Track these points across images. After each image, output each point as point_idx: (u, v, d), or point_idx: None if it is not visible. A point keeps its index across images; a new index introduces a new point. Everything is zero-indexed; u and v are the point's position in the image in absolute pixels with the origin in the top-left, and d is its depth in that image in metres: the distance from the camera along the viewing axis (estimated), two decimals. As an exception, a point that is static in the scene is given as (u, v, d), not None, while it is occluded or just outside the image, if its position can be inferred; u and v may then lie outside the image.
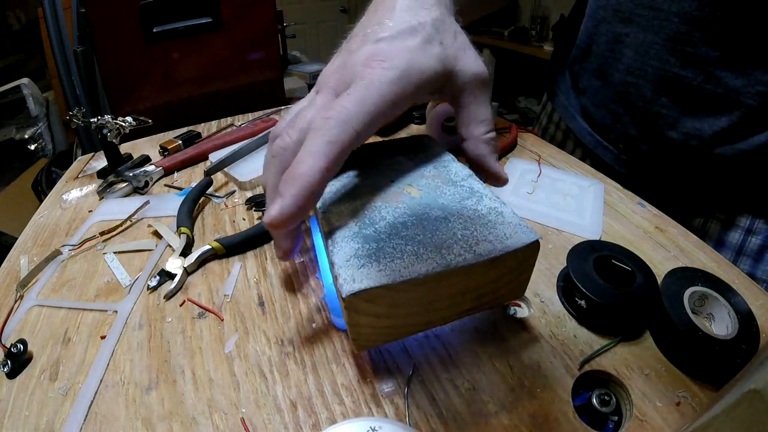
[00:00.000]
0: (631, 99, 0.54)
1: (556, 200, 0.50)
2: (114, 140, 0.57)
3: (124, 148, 0.65)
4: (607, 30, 0.55)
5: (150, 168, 0.57)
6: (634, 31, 0.51)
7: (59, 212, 0.53)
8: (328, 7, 3.69)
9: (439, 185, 0.33)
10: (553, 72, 0.73)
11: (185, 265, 0.40)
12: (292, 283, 0.39)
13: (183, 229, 0.44)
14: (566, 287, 0.36)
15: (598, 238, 0.43)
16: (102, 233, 0.46)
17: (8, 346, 0.33)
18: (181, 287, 0.39)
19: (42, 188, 1.41)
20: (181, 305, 0.37)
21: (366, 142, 0.30)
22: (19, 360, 0.32)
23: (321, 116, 0.26)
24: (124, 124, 0.56)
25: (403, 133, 0.68)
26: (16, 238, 0.48)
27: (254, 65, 1.13)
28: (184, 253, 0.42)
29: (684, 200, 0.55)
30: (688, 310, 0.31)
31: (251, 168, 0.56)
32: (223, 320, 0.35)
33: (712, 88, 0.46)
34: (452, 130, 0.57)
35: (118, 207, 0.51)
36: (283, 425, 0.28)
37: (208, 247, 0.41)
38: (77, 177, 0.61)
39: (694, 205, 0.55)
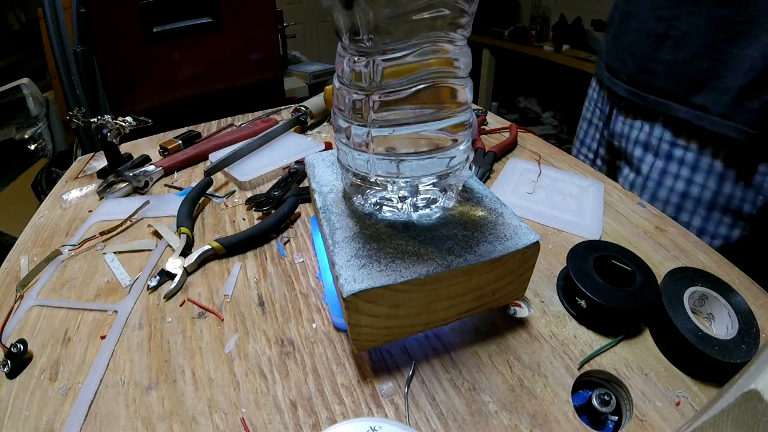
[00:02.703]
0: None
1: (556, 200, 0.50)
2: (114, 140, 0.57)
3: (124, 148, 0.65)
4: None
5: (150, 168, 0.57)
6: None
7: (59, 212, 0.53)
8: (328, 7, 3.69)
9: None
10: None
11: (185, 265, 0.40)
12: (292, 283, 0.39)
13: (183, 229, 0.44)
14: (566, 287, 0.36)
15: (598, 238, 0.43)
16: (102, 233, 0.46)
17: (8, 346, 0.32)
18: (181, 287, 0.39)
19: (42, 188, 1.40)
20: (181, 305, 0.37)
21: None
22: (19, 360, 0.32)
23: None
24: (124, 124, 0.56)
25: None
26: (16, 238, 0.48)
27: (254, 65, 1.13)
28: (184, 253, 0.42)
29: None
30: (688, 310, 0.31)
31: (251, 168, 0.56)
32: (223, 320, 0.35)
33: None
34: None
35: (118, 207, 0.51)
36: (283, 425, 0.28)
37: (208, 247, 0.41)
38: (77, 177, 0.61)
39: None
